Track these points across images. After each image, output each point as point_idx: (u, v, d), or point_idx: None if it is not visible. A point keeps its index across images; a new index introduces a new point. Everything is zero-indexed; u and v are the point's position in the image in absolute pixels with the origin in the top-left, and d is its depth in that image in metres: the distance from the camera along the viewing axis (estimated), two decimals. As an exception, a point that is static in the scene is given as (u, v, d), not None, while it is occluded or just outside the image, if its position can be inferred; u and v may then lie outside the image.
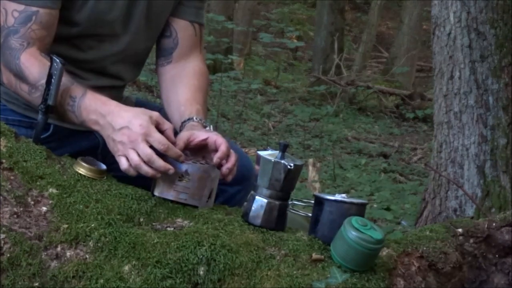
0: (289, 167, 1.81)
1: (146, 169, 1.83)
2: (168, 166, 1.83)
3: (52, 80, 1.88)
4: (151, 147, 1.83)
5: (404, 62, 11.33)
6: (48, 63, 1.92)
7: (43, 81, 1.91)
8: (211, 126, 2.09)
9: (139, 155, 1.82)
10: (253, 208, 1.84)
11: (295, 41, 13.40)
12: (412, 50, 11.93)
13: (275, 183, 1.83)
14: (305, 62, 14.43)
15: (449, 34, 3.82)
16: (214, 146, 1.95)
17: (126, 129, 1.84)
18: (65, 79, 1.92)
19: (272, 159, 1.83)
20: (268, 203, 1.83)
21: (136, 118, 1.86)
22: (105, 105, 1.90)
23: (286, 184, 1.84)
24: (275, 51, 12.37)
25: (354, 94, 10.79)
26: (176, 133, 2.02)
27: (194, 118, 2.09)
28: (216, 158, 1.92)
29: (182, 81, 2.22)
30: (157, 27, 2.23)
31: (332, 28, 11.59)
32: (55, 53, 1.92)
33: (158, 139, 1.83)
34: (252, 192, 1.87)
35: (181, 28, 2.26)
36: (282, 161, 1.82)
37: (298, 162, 1.86)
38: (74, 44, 2.10)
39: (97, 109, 1.90)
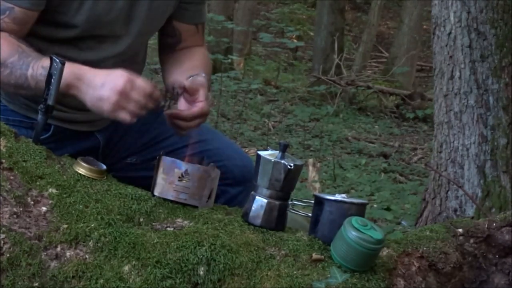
0: (289, 167, 1.81)
1: (146, 106, 1.89)
2: (157, 100, 1.91)
3: (52, 80, 1.88)
4: None
5: (404, 62, 11.32)
6: (17, 42, 1.96)
7: (12, 58, 1.94)
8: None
9: (135, 104, 1.87)
10: (253, 208, 1.84)
11: (295, 41, 13.39)
12: (412, 50, 11.92)
13: (275, 183, 1.83)
14: (305, 62, 14.42)
15: (449, 34, 3.82)
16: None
17: (108, 84, 1.88)
18: (34, 54, 1.95)
19: (272, 159, 1.83)
20: (268, 203, 1.83)
21: (113, 72, 1.91)
22: (78, 69, 1.92)
23: (286, 184, 1.84)
24: (275, 51, 12.36)
25: (354, 94, 10.78)
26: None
27: (203, 74, 2.12)
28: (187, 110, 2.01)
29: (186, 58, 2.26)
30: (157, 28, 2.24)
31: (332, 28, 11.58)
32: (55, 53, 1.92)
33: (141, 86, 1.89)
34: (252, 192, 1.87)
35: (186, 30, 2.29)
36: (282, 161, 1.82)
37: (298, 162, 1.85)
38: (74, 45, 2.10)
39: (72, 74, 1.91)
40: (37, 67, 1.93)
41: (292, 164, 1.81)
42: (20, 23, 2.01)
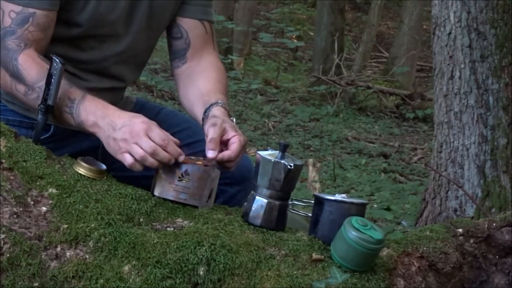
0: (289, 167, 1.81)
1: (151, 161, 1.84)
2: (171, 156, 1.85)
3: (52, 80, 1.88)
4: None
5: (404, 62, 11.32)
6: (46, 65, 1.93)
7: (41, 83, 1.92)
8: (234, 118, 2.09)
9: (142, 148, 1.84)
10: (253, 208, 1.84)
11: (295, 41, 13.40)
12: (412, 50, 11.91)
13: (275, 183, 1.83)
14: (305, 62, 14.43)
15: (449, 34, 3.82)
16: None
17: (127, 126, 1.86)
18: (64, 81, 1.92)
19: (272, 159, 1.83)
20: (268, 203, 1.83)
21: (136, 117, 1.89)
22: (105, 108, 1.92)
23: (286, 184, 1.84)
24: (275, 51, 12.37)
25: (354, 94, 10.79)
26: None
27: (219, 102, 2.08)
28: (224, 155, 1.93)
29: (200, 75, 2.22)
30: (158, 28, 2.23)
31: (332, 28, 11.58)
32: (56, 53, 1.92)
33: (159, 133, 1.86)
34: (252, 192, 1.87)
35: (191, 28, 2.25)
36: (282, 161, 1.82)
37: (298, 162, 1.85)
38: (75, 44, 2.10)
39: (97, 111, 1.91)
40: (63, 97, 1.93)
41: (292, 164, 1.81)
42: (44, 28, 2.00)
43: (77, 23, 2.06)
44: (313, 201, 1.83)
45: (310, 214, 1.85)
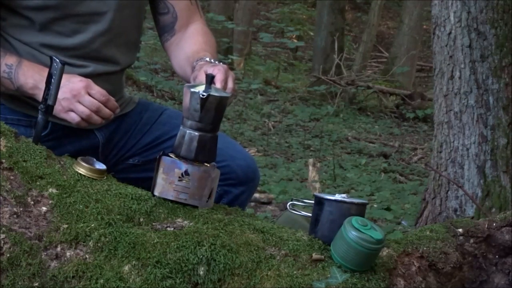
0: (201, 96, 1.81)
1: (96, 118, 1.95)
2: (112, 113, 1.97)
3: (52, 80, 1.89)
4: None
5: (404, 62, 11.32)
6: None
7: None
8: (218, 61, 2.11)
9: (86, 107, 1.93)
10: (176, 139, 1.88)
11: (295, 41, 13.41)
12: (412, 50, 11.92)
13: (194, 113, 1.85)
14: (305, 62, 14.43)
15: (449, 34, 3.82)
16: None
17: (66, 86, 1.93)
18: None
19: (191, 89, 1.84)
20: (188, 134, 1.86)
21: (74, 76, 1.97)
22: (42, 70, 1.97)
23: (205, 114, 1.84)
24: (275, 51, 12.38)
25: (354, 94, 10.79)
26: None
27: (204, 57, 2.12)
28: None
29: (187, 41, 2.26)
30: (141, 4, 2.23)
31: (332, 28, 11.59)
32: (42, 43, 1.97)
33: (99, 91, 1.96)
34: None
35: (177, 2, 2.28)
36: (197, 90, 1.83)
37: (219, 94, 1.85)
38: (57, 30, 2.08)
39: (35, 74, 1.98)
40: (0, 64, 1.99)
41: (205, 94, 1.82)
42: None
43: (47, 6, 2.05)
44: (313, 201, 1.83)
45: (310, 214, 1.85)
